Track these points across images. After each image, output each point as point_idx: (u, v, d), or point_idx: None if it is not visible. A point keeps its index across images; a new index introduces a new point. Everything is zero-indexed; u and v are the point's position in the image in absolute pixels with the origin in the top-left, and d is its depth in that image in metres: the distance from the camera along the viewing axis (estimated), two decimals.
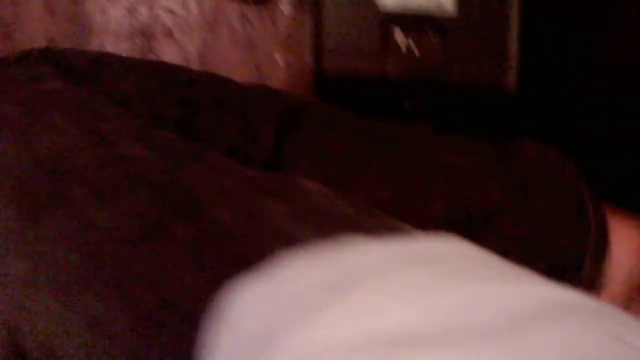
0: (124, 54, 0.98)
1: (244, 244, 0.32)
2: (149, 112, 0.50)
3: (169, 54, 1.03)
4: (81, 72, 0.50)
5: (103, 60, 0.52)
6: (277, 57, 1.06)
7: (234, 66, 1.02)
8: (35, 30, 0.98)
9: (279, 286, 0.29)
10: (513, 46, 0.82)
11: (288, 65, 1.04)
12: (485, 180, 0.58)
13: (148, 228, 0.35)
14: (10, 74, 0.47)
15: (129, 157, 0.40)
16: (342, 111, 0.61)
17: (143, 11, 1.03)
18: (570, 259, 0.57)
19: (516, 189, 0.58)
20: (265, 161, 0.52)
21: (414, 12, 0.80)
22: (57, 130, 0.42)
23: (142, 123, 0.46)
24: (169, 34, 1.03)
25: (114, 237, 0.35)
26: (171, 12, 1.04)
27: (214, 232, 0.34)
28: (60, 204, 0.37)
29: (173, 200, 0.36)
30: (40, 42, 0.98)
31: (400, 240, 0.32)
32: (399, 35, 0.81)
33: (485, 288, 0.28)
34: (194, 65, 1.04)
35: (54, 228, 0.36)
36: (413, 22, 0.81)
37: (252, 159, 0.52)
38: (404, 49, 0.81)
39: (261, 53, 1.06)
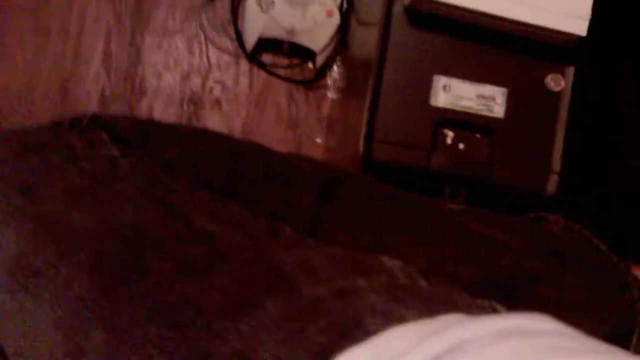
0: (171, 119, 1.00)
1: (345, 319, 0.32)
2: (197, 179, 0.50)
3: (214, 123, 1.05)
4: (129, 138, 0.50)
5: (151, 127, 0.53)
6: (318, 139, 1.09)
7: (275, 142, 1.04)
8: (91, 87, 1.01)
9: (382, 356, 0.29)
10: (558, 153, 0.84)
11: (327, 148, 1.07)
12: (516, 250, 0.58)
13: (242, 304, 0.34)
14: (68, 140, 0.47)
15: (208, 232, 0.39)
16: (379, 182, 0.63)
17: (196, 80, 1.06)
18: (620, 327, 0.58)
19: (550, 258, 0.59)
20: (305, 230, 0.53)
21: (464, 111, 0.83)
22: (127, 201, 0.42)
23: (210, 195, 0.46)
24: (217, 104, 1.06)
25: (207, 312, 0.34)
26: (222, 84, 1.07)
27: (309, 309, 0.33)
28: (140, 276, 0.36)
29: (263, 277, 0.36)
30: (94, 99, 1.00)
31: (495, 317, 0.32)
32: (448, 132, 0.84)
33: None
34: (237, 136, 1.06)
35: (134, 300, 0.36)
36: (463, 120, 0.84)
37: (292, 227, 0.51)
38: (451, 146, 0.83)
39: (303, 133, 1.08)
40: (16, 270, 0.39)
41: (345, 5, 1.03)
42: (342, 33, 1.05)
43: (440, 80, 0.83)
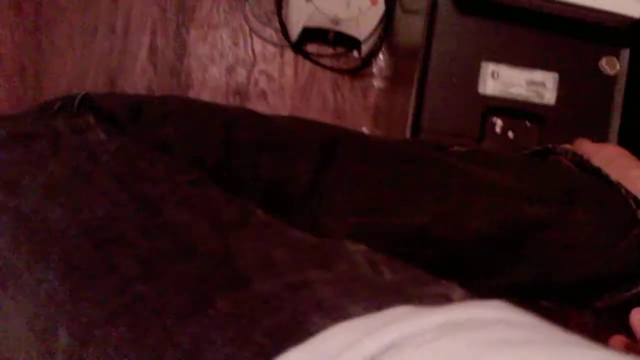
0: None
1: (288, 317, 0.32)
2: (190, 156, 0.50)
3: None
4: (120, 118, 0.50)
5: (142, 104, 0.52)
6: (364, 128, 1.08)
7: None
8: (138, 81, 1.02)
9: (319, 357, 0.29)
10: (613, 139, 0.81)
11: None
12: (521, 195, 0.57)
13: (196, 302, 0.34)
14: (54, 126, 0.47)
15: (174, 224, 0.39)
16: (376, 138, 0.62)
17: (241, 72, 1.06)
18: (629, 265, 0.57)
19: (557, 199, 0.58)
20: (302, 197, 0.53)
21: (513, 98, 0.81)
22: (105, 196, 0.41)
23: (187, 179, 0.45)
24: (262, 95, 1.06)
25: (162, 312, 0.34)
26: (267, 75, 1.06)
27: (257, 306, 0.33)
28: (104, 275, 0.36)
29: (219, 273, 0.36)
30: (141, 91, 1.01)
31: (443, 308, 0.31)
32: (497, 121, 0.82)
33: (523, 354, 0.27)
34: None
35: (99, 302, 0.35)
36: (512, 108, 0.81)
37: (290, 195, 0.52)
38: (500, 134, 0.81)
39: (349, 122, 1.07)
40: None
41: None
42: (388, 21, 1.03)
43: (489, 67, 0.81)
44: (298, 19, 1.02)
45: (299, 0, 1.01)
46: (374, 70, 1.09)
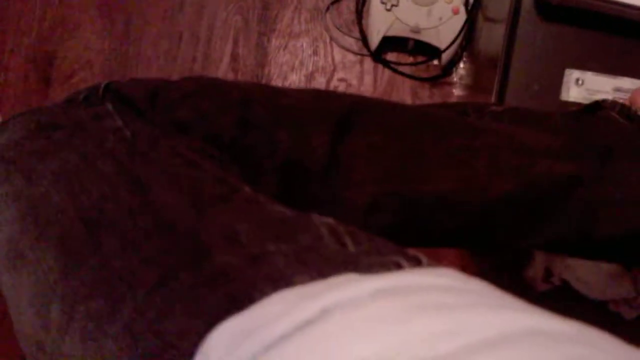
0: None
1: (239, 287, 0.33)
2: (206, 135, 0.50)
3: None
4: (139, 103, 0.50)
5: (159, 88, 0.52)
6: None
7: None
8: None
9: (254, 322, 0.30)
10: None
11: None
12: (555, 154, 0.55)
13: (161, 276, 0.35)
14: (76, 115, 0.49)
15: (159, 204, 0.40)
16: (397, 105, 0.60)
17: (320, 80, 1.07)
18: None
19: (595, 155, 0.55)
20: (320, 170, 0.52)
21: None
22: (103, 179, 0.43)
23: (184, 161, 0.46)
24: None
25: (133, 286, 0.35)
26: (347, 82, 1.07)
27: (214, 278, 0.34)
28: (91, 256, 0.38)
29: (185, 247, 0.37)
30: None
31: (386, 275, 0.31)
32: None
33: (453, 317, 0.27)
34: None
35: (83, 279, 0.38)
36: None
37: (308, 169, 0.51)
38: None
39: None
40: (8, 252, 0.42)
41: (472, 1, 1.00)
42: (469, 30, 1.02)
43: (573, 74, 0.79)
44: (378, 29, 1.03)
45: (379, 10, 1.02)
46: (455, 78, 1.08)
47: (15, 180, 0.45)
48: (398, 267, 0.33)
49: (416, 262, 0.34)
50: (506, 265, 0.92)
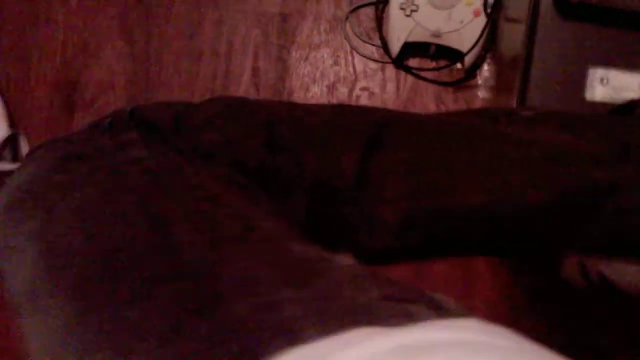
0: None
1: (251, 341, 0.31)
2: (232, 161, 0.49)
3: None
4: (163, 128, 0.50)
5: (184, 113, 0.51)
6: None
7: None
8: None
9: None
10: None
11: None
12: (589, 159, 0.53)
13: (174, 325, 0.34)
14: (101, 145, 0.48)
15: (177, 243, 0.39)
16: (425, 117, 0.58)
17: (342, 90, 1.07)
18: None
19: (635, 160, 0.53)
20: (350, 189, 0.51)
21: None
22: (123, 218, 0.42)
23: (206, 195, 0.44)
24: None
25: (145, 337, 0.34)
26: (369, 91, 1.07)
27: (227, 328, 0.33)
28: (105, 302, 0.37)
29: (199, 293, 0.35)
30: None
31: (408, 329, 0.30)
32: None
33: None
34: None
35: (93, 328, 0.36)
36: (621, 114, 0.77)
37: (338, 189, 0.51)
38: None
39: None
40: (26, 294, 0.41)
41: (492, 2, 0.99)
42: (491, 31, 1.01)
43: (597, 73, 0.77)
44: (399, 35, 1.02)
45: (399, 16, 1.01)
46: (479, 81, 1.07)
47: (38, 217, 0.44)
48: (421, 317, 0.33)
49: (441, 311, 0.33)
50: (542, 266, 0.90)
